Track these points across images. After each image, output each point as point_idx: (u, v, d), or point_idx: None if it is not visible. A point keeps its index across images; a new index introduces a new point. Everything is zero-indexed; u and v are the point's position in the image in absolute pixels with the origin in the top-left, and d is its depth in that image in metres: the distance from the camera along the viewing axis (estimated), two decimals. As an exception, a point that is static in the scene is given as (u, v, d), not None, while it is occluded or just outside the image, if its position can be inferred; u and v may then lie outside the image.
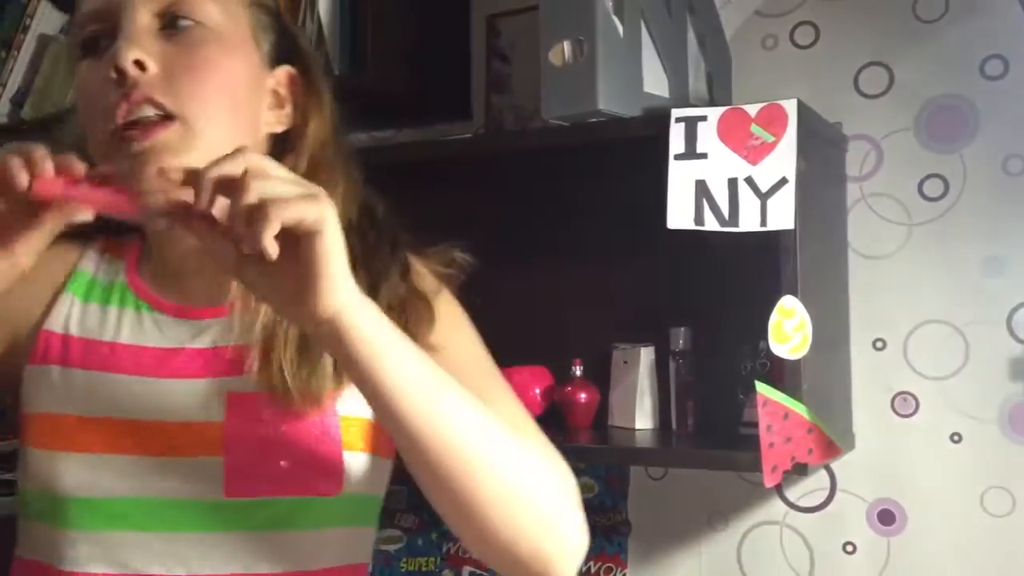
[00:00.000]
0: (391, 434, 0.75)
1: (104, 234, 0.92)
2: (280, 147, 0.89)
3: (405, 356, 0.71)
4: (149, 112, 0.78)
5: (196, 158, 0.75)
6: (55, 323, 0.87)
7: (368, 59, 1.54)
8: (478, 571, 1.70)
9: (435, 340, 0.87)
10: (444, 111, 1.74)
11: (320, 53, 1.57)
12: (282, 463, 0.82)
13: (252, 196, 0.62)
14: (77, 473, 0.81)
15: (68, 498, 0.81)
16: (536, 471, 0.79)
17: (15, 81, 1.92)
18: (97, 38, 0.81)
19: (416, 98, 1.67)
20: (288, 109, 0.90)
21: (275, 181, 0.63)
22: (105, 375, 0.84)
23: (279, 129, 0.89)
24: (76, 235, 0.87)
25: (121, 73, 0.77)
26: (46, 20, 1.92)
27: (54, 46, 1.90)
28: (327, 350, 0.71)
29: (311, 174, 0.87)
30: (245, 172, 0.63)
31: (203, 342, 0.85)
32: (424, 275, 0.96)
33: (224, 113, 0.82)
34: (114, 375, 0.84)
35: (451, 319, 0.95)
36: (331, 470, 0.84)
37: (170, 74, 0.79)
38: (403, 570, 1.76)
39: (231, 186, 0.63)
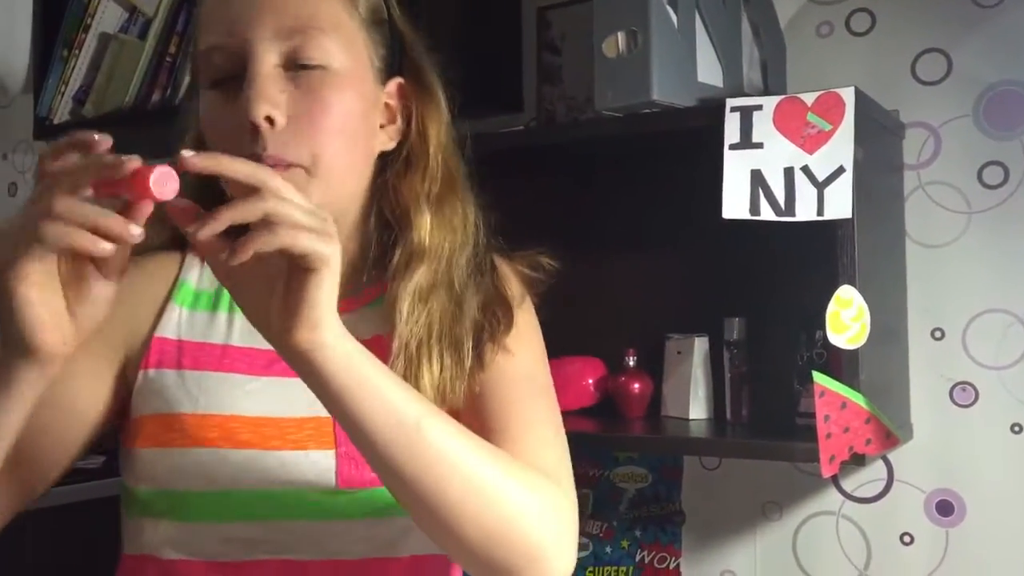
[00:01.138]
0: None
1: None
2: (403, 164, 0.90)
3: (373, 402, 0.71)
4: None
5: (316, 195, 0.79)
6: (167, 330, 0.89)
7: (421, 53, 1.56)
8: None
9: (509, 343, 0.91)
10: (495, 103, 1.75)
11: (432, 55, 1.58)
12: None
13: (261, 212, 0.63)
14: (197, 467, 0.84)
15: (189, 492, 0.84)
16: (518, 506, 0.77)
17: (77, 79, 1.97)
18: (222, 72, 0.82)
19: (467, 91, 1.68)
20: (399, 123, 0.90)
21: (291, 206, 0.64)
22: (220, 375, 0.87)
23: (391, 146, 0.90)
24: (172, 242, 0.92)
25: (253, 126, 0.79)
26: (107, 19, 1.96)
27: (114, 44, 1.94)
28: (297, 373, 0.71)
29: (444, 192, 0.91)
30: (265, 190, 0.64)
31: None
32: (509, 278, 0.98)
33: (343, 152, 0.84)
34: (229, 374, 0.87)
35: (523, 328, 0.96)
36: None
37: (296, 124, 0.80)
38: None
39: (248, 196, 0.64)
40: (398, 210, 0.89)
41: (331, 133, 0.82)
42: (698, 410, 1.50)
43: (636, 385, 1.55)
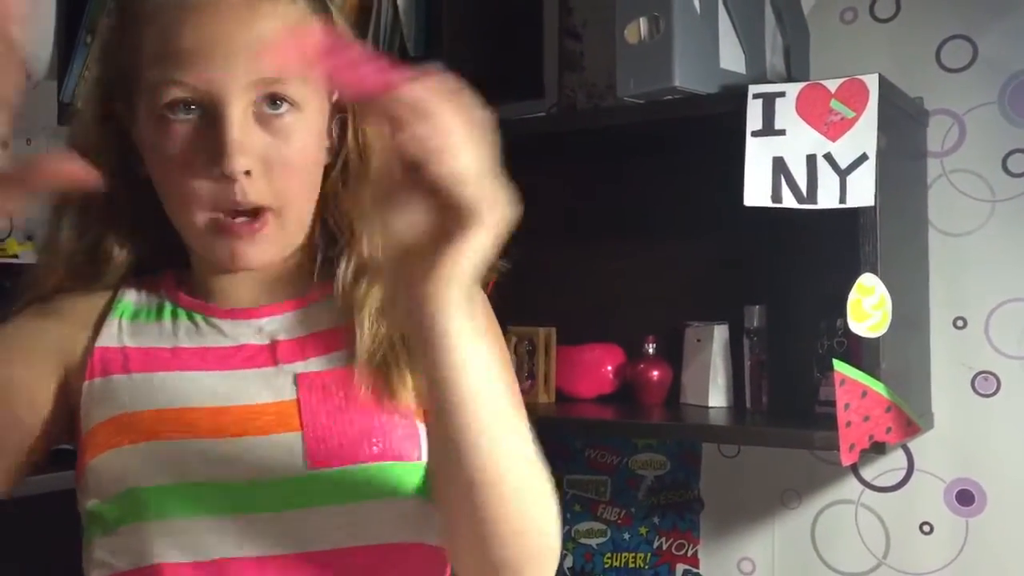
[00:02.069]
0: (434, 432, 0.75)
1: (129, 278, 0.92)
2: (341, 174, 0.89)
3: (479, 376, 0.68)
4: (248, 215, 0.81)
5: (279, 233, 0.82)
6: (108, 340, 0.87)
7: (442, 40, 1.56)
8: (693, 569, 1.63)
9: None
10: (516, 90, 1.75)
11: (396, 35, 1.59)
12: (359, 420, 0.82)
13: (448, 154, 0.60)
14: (153, 462, 0.81)
15: (146, 487, 0.81)
16: (545, 502, 0.78)
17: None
18: (181, 102, 0.80)
19: (489, 78, 1.68)
20: (335, 134, 0.89)
21: (471, 157, 0.61)
22: (172, 373, 0.85)
23: (328, 159, 0.89)
24: (100, 285, 0.90)
25: (229, 179, 0.79)
26: (130, 5, 1.97)
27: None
28: (409, 333, 0.69)
29: (359, 180, 0.88)
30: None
31: (264, 338, 0.87)
32: None
33: (308, 188, 0.85)
34: (182, 372, 0.85)
35: (487, 321, 0.95)
36: (410, 434, 0.85)
37: (269, 170, 0.80)
38: (607, 566, 1.70)
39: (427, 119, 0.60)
40: (343, 220, 0.88)
41: (300, 175, 0.83)
42: (717, 398, 1.50)
43: (655, 372, 1.55)
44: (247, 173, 0.79)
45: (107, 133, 0.87)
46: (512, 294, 1.71)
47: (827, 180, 1.23)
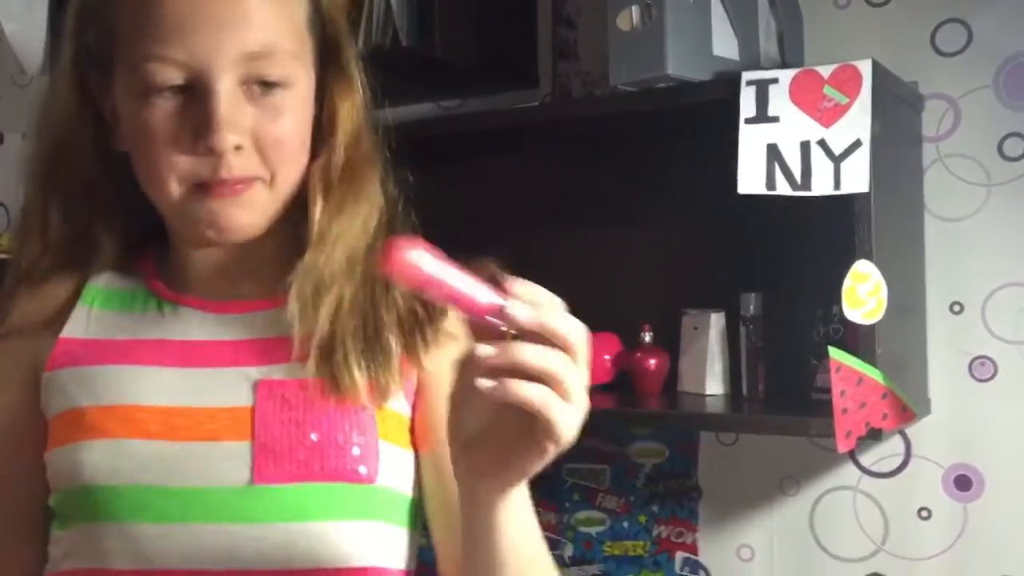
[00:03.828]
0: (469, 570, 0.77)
1: (109, 253, 0.89)
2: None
3: (519, 544, 0.73)
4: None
5: (270, 205, 0.80)
6: (74, 331, 0.85)
7: (435, 29, 1.55)
8: (692, 557, 1.63)
9: (427, 361, 0.86)
10: (510, 79, 1.74)
11: (388, 24, 1.58)
12: (312, 437, 0.80)
13: (557, 375, 0.60)
14: (100, 459, 0.78)
15: (92, 486, 0.78)
16: None
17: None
18: (167, 82, 0.77)
19: (483, 67, 1.67)
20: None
21: (580, 382, 0.61)
22: (125, 367, 0.83)
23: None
24: (77, 262, 0.87)
25: (215, 153, 0.76)
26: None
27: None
28: (467, 510, 0.72)
29: (347, 179, 0.86)
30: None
31: (232, 335, 0.84)
32: None
33: (297, 164, 0.82)
34: (134, 367, 0.83)
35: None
36: (366, 455, 0.82)
37: (259, 145, 0.78)
38: (607, 554, 1.69)
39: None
40: (299, 199, 0.84)
41: (291, 152, 0.81)
42: (715, 386, 1.50)
43: (652, 361, 1.55)
44: (237, 148, 0.77)
45: (82, 107, 0.84)
46: (508, 284, 1.72)
47: (821, 167, 1.22)
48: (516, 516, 0.71)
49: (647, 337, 1.56)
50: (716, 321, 1.51)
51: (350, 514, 0.81)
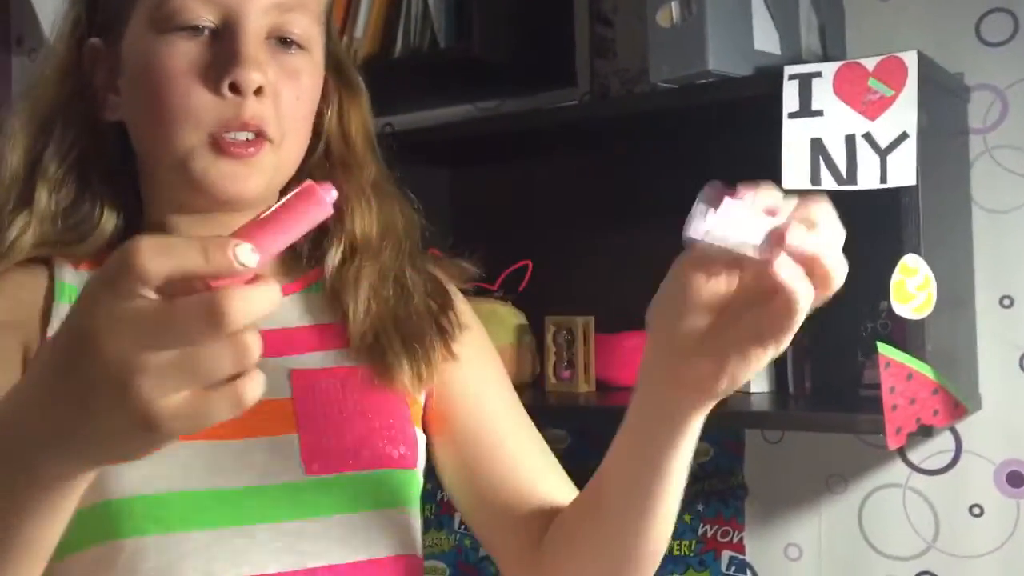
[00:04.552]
0: (626, 496, 0.77)
1: (60, 251, 0.83)
2: (323, 158, 0.88)
3: (678, 490, 0.75)
4: (250, 134, 0.77)
5: (271, 171, 0.77)
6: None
7: (473, 31, 1.55)
8: (739, 556, 1.61)
9: (459, 350, 0.89)
10: (547, 79, 1.74)
11: (427, 27, 1.58)
12: (357, 425, 0.80)
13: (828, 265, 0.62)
14: (135, 469, 0.70)
15: (127, 499, 0.72)
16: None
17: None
18: (193, 21, 0.76)
19: (520, 67, 1.68)
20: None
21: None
22: None
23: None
24: (67, 239, 0.82)
25: (236, 89, 0.75)
26: None
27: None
28: (658, 417, 0.71)
29: (377, 186, 0.89)
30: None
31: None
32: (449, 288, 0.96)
33: (302, 138, 0.82)
34: None
35: (488, 350, 0.95)
36: (408, 441, 0.83)
37: (276, 102, 0.77)
38: None
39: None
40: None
41: (300, 119, 0.81)
42: (759, 383, 1.48)
43: (696, 359, 1.53)
44: (258, 92, 0.75)
45: (76, 75, 0.82)
46: (550, 283, 1.72)
47: (867, 160, 1.21)
48: (693, 441, 0.72)
49: (690, 335, 1.55)
50: (760, 318, 1.49)
51: (400, 501, 0.82)
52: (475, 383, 0.91)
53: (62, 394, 0.47)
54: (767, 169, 1.25)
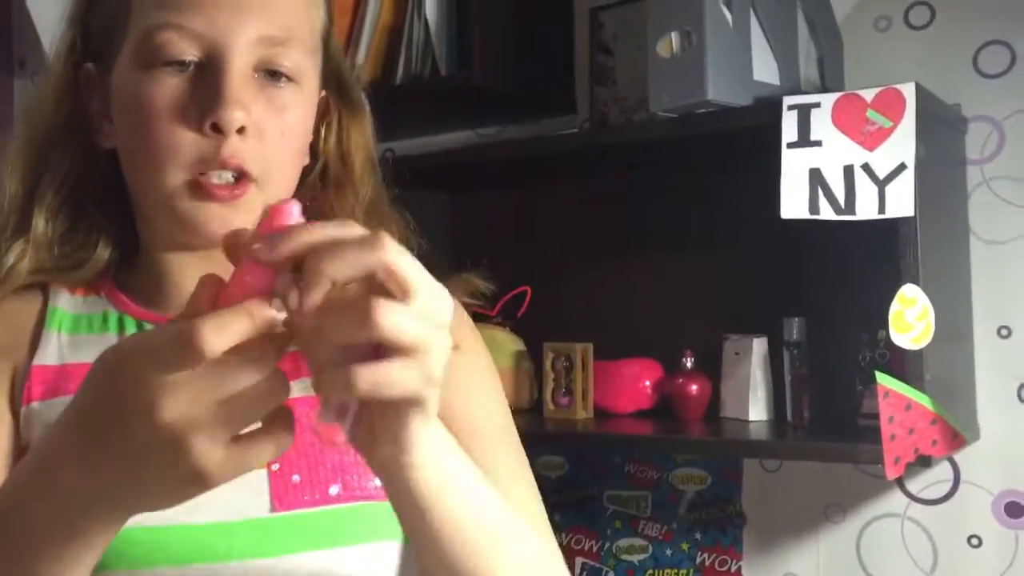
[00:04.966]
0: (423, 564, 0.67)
1: (56, 277, 0.83)
2: (319, 179, 0.87)
3: (459, 516, 0.63)
4: (232, 174, 0.75)
5: (256, 209, 0.72)
6: (46, 357, 0.79)
7: (474, 58, 1.56)
8: None
9: (479, 390, 0.86)
10: (548, 106, 1.75)
11: (428, 54, 1.60)
12: (330, 458, 0.78)
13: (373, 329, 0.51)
14: None
15: None
16: None
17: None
18: (178, 55, 0.75)
19: (520, 94, 1.69)
20: (314, 137, 0.86)
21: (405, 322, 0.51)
22: None
23: (307, 161, 0.85)
24: (64, 265, 0.82)
25: (217, 128, 0.73)
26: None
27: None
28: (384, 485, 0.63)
29: (372, 209, 0.87)
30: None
31: None
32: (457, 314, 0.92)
33: (290, 170, 0.81)
34: None
35: (488, 373, 0.90)
36: None
37: (259, 137, 0.75)
38: None
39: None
40: None
41: (287, 153, 0.78)
42: (758, 412, 1.48)
43: (694, 387, 1.54)
44: (240, 131, 0.73)
45: (72, 100, 0.81)
46: (548, 310, 1.72)
47: (865, 191, 1.21)
48: (450, 484, 0.61)
49: (688, 363, 1.55)
50: (758, 346, 1.50)
51: (376, 535, 0.79)
52: (460, 404, 0.83)
53: (111, 458, 0.51)
54: (764, 197, 1.26)
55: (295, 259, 0.51)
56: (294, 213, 0.53)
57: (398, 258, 0.51)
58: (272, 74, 0.77)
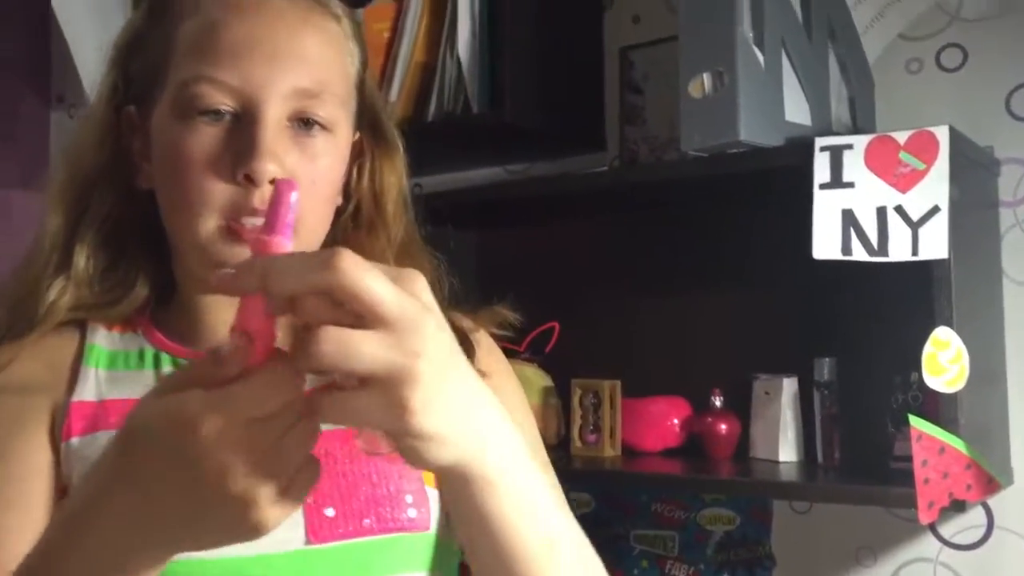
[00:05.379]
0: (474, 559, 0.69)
1: (94, 314, 0.84)
2: (352, 219, 0.88)
3: (520, 528, 0.64)
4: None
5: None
6: (84, 393, 0.80)
7: (506, 96, 1.58)
8: None
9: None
10: (577, 143, 1.77)
11: (460, 92, 1.61)
12: (364, 490, 0.78)
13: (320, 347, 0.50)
14: None
15: None
16: None
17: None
18: (213, 105, 0.76)
19: (551, 131, 1.70)
20: (347, 178, 0.87)
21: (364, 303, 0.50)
22: None
23: (339, 201, 0.86)
24: (65, 322, 0.83)
25: (250, 179, 0.75)
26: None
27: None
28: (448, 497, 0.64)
29: (403, 250, 0.88)
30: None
31: None
32: (484, 346, 0.91)
33: (324, 216, 0.82)
34: None
35: (520, 403, 0.92)
36: (419, 502, 0.81)
37: None
38: None
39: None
40: None
41: (319, 199, 0.79)
42: (788, 452, 1.47)
43: (723, 426, 1.53)
44: (272, 182, 0.74)
45: (113, 141, 0.83)
46: (576, 346, 1.72)
47: (898, 232, 1.21)
48: (502, 496, 0.61)
49: (717, 402, 1.54)
50: (788, 386, 1.49)
51: (407, 567, 0.79)
52: None
53: (166, 515, 0.53)
54: (795, 237, 1.26)
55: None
56: (291, 202, 0.54)
57: (350, 275, 0.50)
58: (305, 122, 0.78)
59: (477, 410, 0.58)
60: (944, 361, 1.20)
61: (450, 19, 1.63)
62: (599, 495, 1.74)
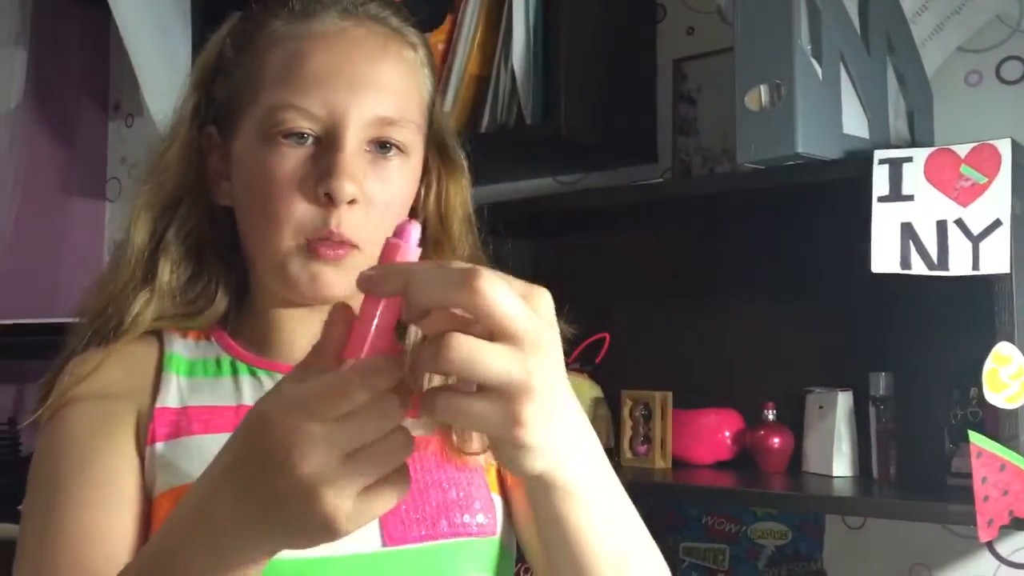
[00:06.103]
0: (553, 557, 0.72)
1: (174, 324, 0.88)
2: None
3: (597, 531, 0.68)
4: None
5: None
6: (167, 399, 0.83)
7: (559, 108, 1.59)
8: None
9: None
10: (630, 154, 1.77)
11: (513, 103, 1.62)
12: (435, 494, 0.81)
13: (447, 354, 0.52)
14: None
15: None
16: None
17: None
18: (296, 129, 0.80)
19: (603, 143, 1.71)
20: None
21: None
22: None
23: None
24: (186, 312, 0.87)
25: (330, 200, 0.79)
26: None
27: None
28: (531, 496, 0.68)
29: (437, 244, 0.90)
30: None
31: None
32: None
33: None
34: None
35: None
36: (485, 508, 0.84)
37: (367, 208, 0.80)
38: None
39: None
40: None
41: (390, 220, 0.80)
42: (842, 467, 1.46)
43: (776, 439, 1.52)
44: (351, 203, 0.79)
45: (197, 159, 0.87)
46: (628, 357, 1.72)
47: (959, 246, 1.20)
48: (581, 506, 0.66)
49: (770, 415, 1.53)
50: (843, 400, 1.47)
51: (478, 569, 0.82)
52: None
53: (257, 507, 0.55)
54: (850, 250, 1.25)
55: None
56: (413, 235, 0.58)
57: (486, 294, 0.52)
58: (382, 145, 0.82)
59: (570, 423, 0.60)
60: (1005, 377, 1.18)
61: (504, 31, 1.64)
62: (648, 507, 1.73)
